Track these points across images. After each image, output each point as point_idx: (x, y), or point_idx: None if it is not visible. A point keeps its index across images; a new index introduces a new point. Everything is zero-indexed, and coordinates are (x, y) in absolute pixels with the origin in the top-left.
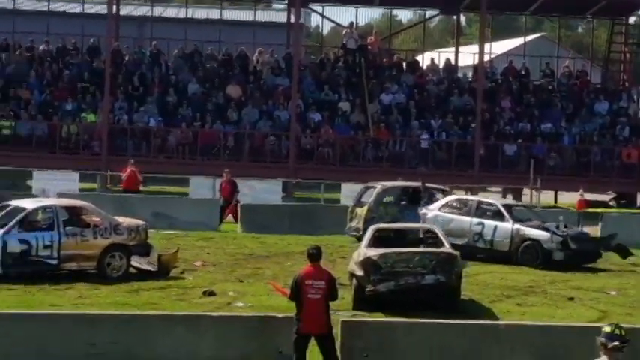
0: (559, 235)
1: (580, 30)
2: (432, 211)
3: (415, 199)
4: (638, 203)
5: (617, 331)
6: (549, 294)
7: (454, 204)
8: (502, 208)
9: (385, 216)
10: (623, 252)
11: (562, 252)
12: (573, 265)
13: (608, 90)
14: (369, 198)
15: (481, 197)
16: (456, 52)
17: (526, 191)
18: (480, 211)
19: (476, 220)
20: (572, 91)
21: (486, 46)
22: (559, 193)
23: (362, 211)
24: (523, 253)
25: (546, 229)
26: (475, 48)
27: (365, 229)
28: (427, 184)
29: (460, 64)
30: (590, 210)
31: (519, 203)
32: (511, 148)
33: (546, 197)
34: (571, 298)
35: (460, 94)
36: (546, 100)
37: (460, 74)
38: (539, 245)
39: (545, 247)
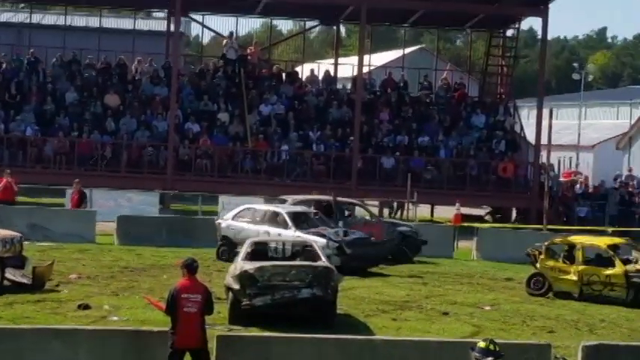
0: (334, 241)
1: (459, 43)
2: (225, 220)
3: (327, 213)
4: (512, 218)
5: (491, 347)
6: (424, 309)
7: (245, 213)
8: (286, 216)
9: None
10: (407, 256)
11: (338, 257)
12: (350, 269)
13: (486, 103)
14: None
15: (271, 206)
16: (336, 64)
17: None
18: (268, 219)
19: (263, 228)
20: (450, 103)
21: (365, 58)
22: (435, 206)
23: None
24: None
25: (323, 235)
26: (354, 59)
27: None
28: (338, 198)
29: (339, 75)
30: (466, 224)
31: (312, 211)
32: (389, 161)
33: (423, 211)
34: (446, 313)
35: (339, 106)
36: (424, 112)
37: (339, 86)
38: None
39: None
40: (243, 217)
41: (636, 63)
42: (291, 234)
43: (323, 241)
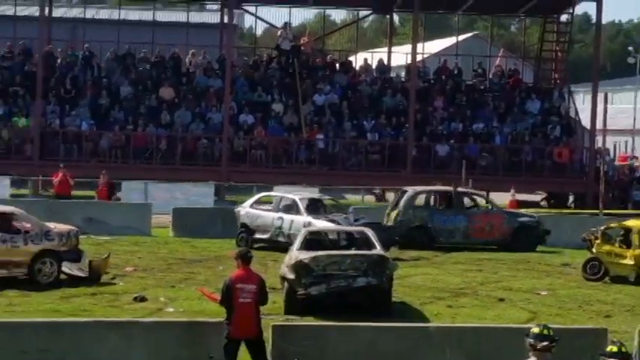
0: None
1: (513, 29)
2: (244, 208)
3: (447, 204)
4: (569, 203)
5: (545, 332)
6: (480, 295)
7: (263, 200)
8: (299, 202)
9: (414, 219)
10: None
11: None
12: None
13: (540, 89)
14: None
15: (286, 193)
16: (389, 52)
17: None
18: (284, 206)
19: (277, 215)
20: (504, 90)
21: (419, 46)
22: (491, 193)
23: (393, 215)
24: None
25: (334, 221)
26: (408, 48)
27: None
28: (459, 189)
29: (393, 64)
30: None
31: (326, 198)
32: (443, 149)
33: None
34: (502, 300)
35: (393, 95)
36: (478, 99)
37: (393, 74)
38: None
39: None
40: (260, 204)
41: None
42: (302, 220)
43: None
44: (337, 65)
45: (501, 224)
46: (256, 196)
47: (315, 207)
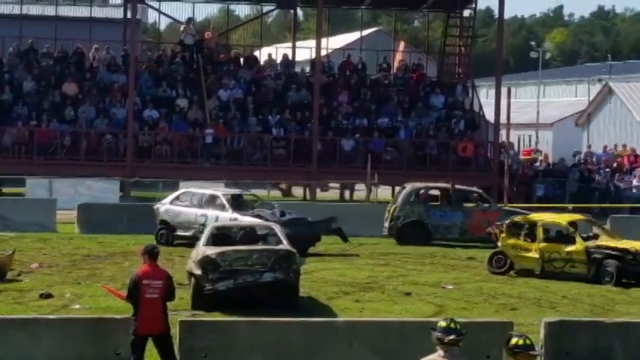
0: (270, 222)
1: (416, 23)
2: (164, 204)
3: (444, 200)
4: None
5: (452, 326)
6: (387, 290)
7: (183, 197)
8: (223, 199)
9: (411, 215)
10: (343, 236)
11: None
12: None
13: (444, 83)
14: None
15: (208, 189)
16: (293, 47)
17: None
18: (206, 202)
19: (200, 211)
20: (409, 84)
21: (323, 41)
22: (397, 187)
23: (391, 210)
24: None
25: (260, 217)
26: (312, 42)
27: (390, 228)
28: (457, 186)
29: (297, 58)
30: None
31: (247, 193)
32: (349, 143)
33: (384, 192)
34: (408, 294)
35: (298, 89)
36: (383, 94)
37: (298, 69)
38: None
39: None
40: (181, 201)
41: (593, 40)
42: (228, 216)
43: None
44: (241, 60)
45: (499, 221)
46: (176, 193)
47: (237, 202)
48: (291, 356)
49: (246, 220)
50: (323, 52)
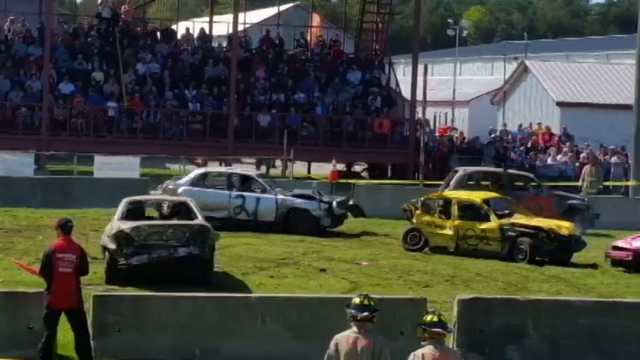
0: (325, 202)
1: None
2: (182, 185)
3: (497, 184)
4: (388, 174)
5: (366, 302)
6: (302, 266)
7: (207, 177)
8: (260, 180)
9: None
10: (356, 212)
11: (329, 218)
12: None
13: (361, 60)
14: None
15: (236, 169)
16: (211, 22)
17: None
18: (238, 183)
19: (235, 192)
20: (326, 60)
21: (241, 16)
22: (312, 163)
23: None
24: (294, 222)
25: (313, 198)
26: (230, 17)
27: None
28: (509, 171)
29: (215, 33)
30: (343, 180)
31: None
32: (265, 119)
33: (300, 168)
34: (323, 270)
35: (215, 64)
36: (300, 69)
37: (215, 44)
38: (308, 213)
39: (314, 214)
40: (203, 181)
41: (510, 18)
42: (272, 197)
43: (314, 202)
44: (158, 34)
45: (550, 206)
46: (193, 174)
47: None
48: (205, 331)
49: (159, 195)
50: (240, 27)
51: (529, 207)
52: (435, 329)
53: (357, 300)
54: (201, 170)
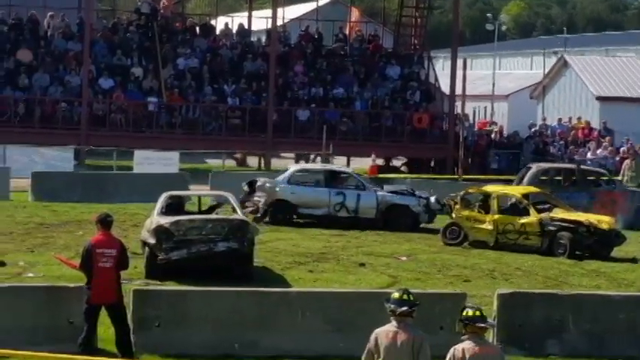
0: (424, 198)
1: None
2: (280, 183)
3: (570, 180)
4: (428, 168)
5: (405, 297)
6: (341, 260)
7: (302, 174)
8: (358, 176)
9: None
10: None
11: (426, 214)
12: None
13: (400, 54)
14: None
15: (331, 166)
16: (249, 17)
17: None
18: (334, 179)
19: (334, 189)
20: (365, 55)
21: (280, 10)
22: (351, 158)
23: None
24: (394, 218)
25: (411, 194)
26: (269, 12)
27: None
28: (582, 166)
29: (253, 28)
30: (382, 175)
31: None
32: (304, 114)
33: (339, 163)
34: (362, 264)
35: (254, 59)
36: (339, 64)
37: (254, 39)
38: (409, 210)
39: (414, 210)
40: (300, 178)
41: (549, 12)
42: (373, 194)
43: (414, 199)
44: (197, 29)
45: (624, 202)
46: (290, 171)
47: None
48: (244, 326)
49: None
50: (279, 22)
51: (603, 203)
52: (476, 324)
53: (396, 295)
54: (297, 167)
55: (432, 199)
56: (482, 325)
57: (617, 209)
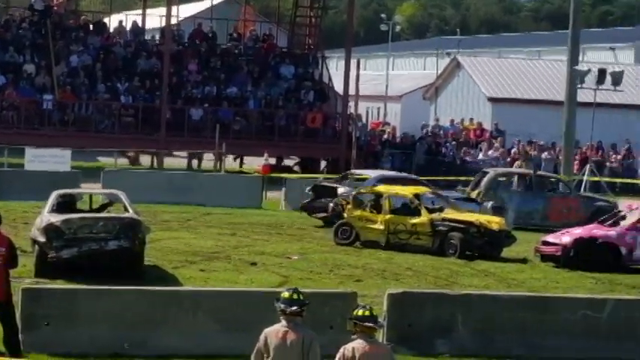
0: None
1: None
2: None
3: (526, 186)
4: (321, 168)
5: (295, 296)
6: (233, 259)
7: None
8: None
9: (494, 200)
10: (500, 212)
11: None
12: None
13: (294, 54)
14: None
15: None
16: (143, 15)
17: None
18: None
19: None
20: (259, 54)
21: (174, 9)
22: (245, 157)
23: (473, 195)
24: None
25: (471, 200)
26: (163, 10)
27: None
28: (539, 172)
29: (148, 26)
30: (275, 174)
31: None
32: (197, 112)
33: (232, 162)
34: (254, 264)
35: (147, 57)
36: (233, 63)
37: (148, 37)
38: None
39: None
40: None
41: (443, 14)
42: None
43: (474, 205)
44: (91, 26)
45: (579, 208)
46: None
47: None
48: (134, 325)
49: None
50: (173, 20)
51: (558, 208)
52: (367, 323)
53: (286, 294)
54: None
55: (488, 205)
56: (372, 325)
57: (572, 215)
